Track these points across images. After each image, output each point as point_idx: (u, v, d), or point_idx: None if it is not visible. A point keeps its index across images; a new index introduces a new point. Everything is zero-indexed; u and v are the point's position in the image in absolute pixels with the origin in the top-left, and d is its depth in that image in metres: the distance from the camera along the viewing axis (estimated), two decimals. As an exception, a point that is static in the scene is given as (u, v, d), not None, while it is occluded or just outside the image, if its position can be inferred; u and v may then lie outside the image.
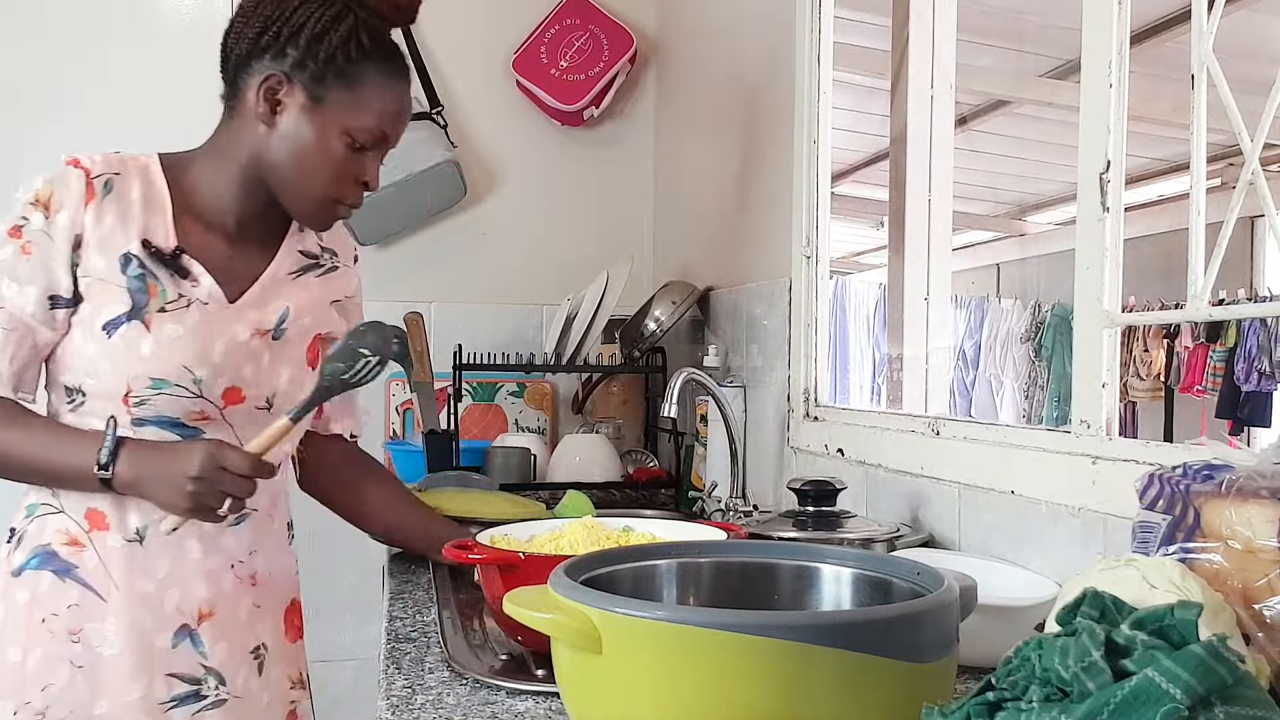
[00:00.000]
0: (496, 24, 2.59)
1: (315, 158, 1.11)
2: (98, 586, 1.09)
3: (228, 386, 1.13)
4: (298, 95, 1.10)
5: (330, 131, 1.10)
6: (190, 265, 1.12)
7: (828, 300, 1.70)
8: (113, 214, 1.10)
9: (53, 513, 1.11)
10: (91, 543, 1.10)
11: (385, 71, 1.13)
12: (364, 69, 1.10)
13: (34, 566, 1.10)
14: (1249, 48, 3.61)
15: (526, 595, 0.65)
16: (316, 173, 1.11)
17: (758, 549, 0.85)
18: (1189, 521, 0.72)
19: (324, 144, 1.10)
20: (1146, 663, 0.46)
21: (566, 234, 2.67)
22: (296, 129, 1.10)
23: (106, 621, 1.09)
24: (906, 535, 1.24)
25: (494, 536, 1.04)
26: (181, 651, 1.12)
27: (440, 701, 0.83)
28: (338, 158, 1.11)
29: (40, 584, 1.09)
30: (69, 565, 1.09)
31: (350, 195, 1.15)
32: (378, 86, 1.12)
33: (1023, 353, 6.32)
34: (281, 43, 1.09)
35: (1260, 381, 4.91)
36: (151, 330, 1.09)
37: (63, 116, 2.38)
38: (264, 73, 1.10)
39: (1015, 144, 5.18)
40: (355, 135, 1.11)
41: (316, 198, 1.13)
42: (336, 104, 1.10)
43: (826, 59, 1.68)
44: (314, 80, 1.09)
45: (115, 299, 1.09)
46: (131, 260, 1.10)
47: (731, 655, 0.56)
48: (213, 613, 1.15)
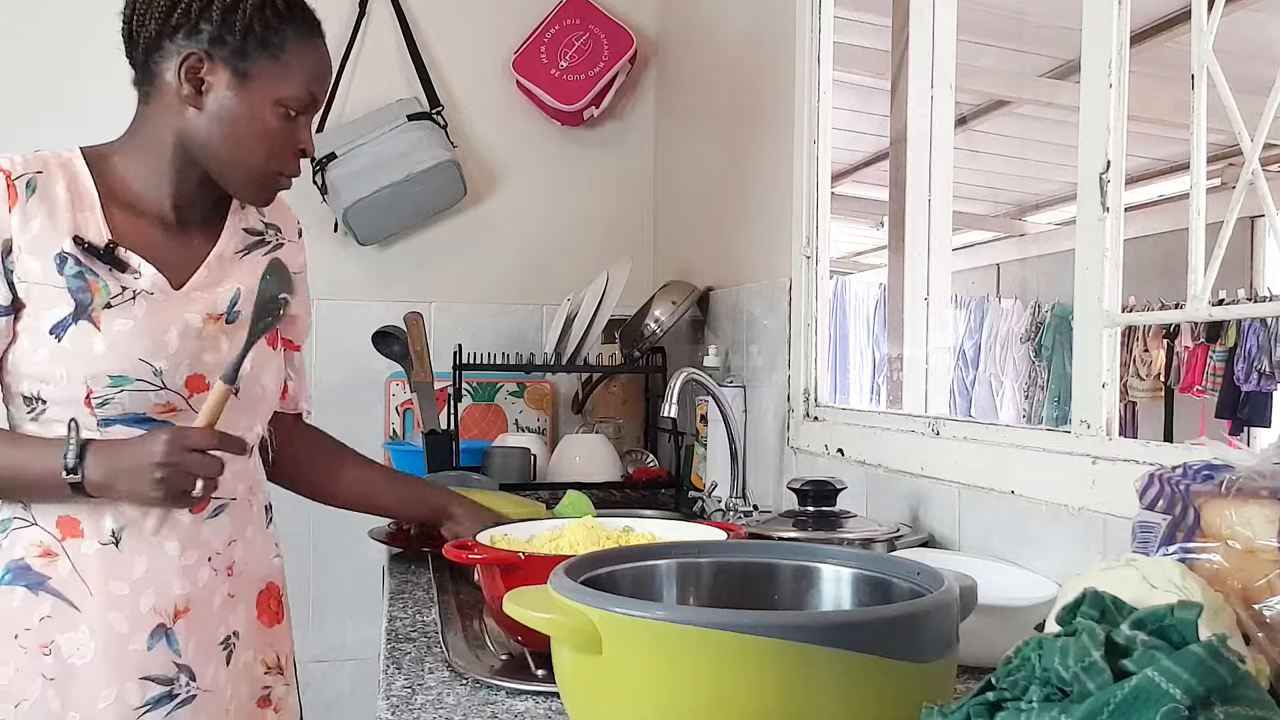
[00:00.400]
0: (496, 24, 2.59)
1: (251, 134, 1.08)
2: (71, 595, 1.07)
3: (189, 375, 1.10)
4: (221, 72, 1.07)
5: (262, 105, 1.08)
6: (127, 257, 1.09)
7: (828, 300, 1.70)
8: (40, 214, 1.06)
9: (24, 526, 1.08)
10: (65, 551, 1.07)
11: (305, 33, 1.10)
12: (284, 35, 1.08)
13: (6, 582, 1.06)
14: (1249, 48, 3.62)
15: (526, 595, 0.65)
16: (254, 149, 1.09)
17: (758, 549, 0.85)
18: (1189, 521, 0.72)
19: (258, 119, 1.08)
20: (1146, 663, 0.46)
21: (566, 234, 2.67)
22: (226, 107, 1.07)
23: (79, 630, 1.06)
24: (906, 535, 1.24)
25: (494, 536, 1.04)
26: (157, 653, 1.09)
27: (440, 701, 0.83)
28: (273, 130, 1.09)
29: (12, 600, 1.06)
30: (42, 577, 1.07)
31: (290, 166, 1.13)
32: (301, 51, 1.09)
33: (1023, 353, 6.33)
34: (194, 18, 1.06)
35: (1260, 381, 4.91)
36: (101, 328, 1.06)
37: (63, 117, 2.38)
38: (181, 53, 1.06)
39: (1015, 144, 5.18)
40: (288, 104, 1.09)
41: (257, 174, 1.11)
42: (263, 76, 1.07)
43: (826, 59, 1.68)
44: (236, 55, 1.06)
45: (57, 301, 1.05)
46: (67, 259, 1.06)
47: (731, 655, 0.56)
48: (188, 609, 1.12)
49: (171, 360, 1.09)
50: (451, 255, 2.59)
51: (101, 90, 2.43)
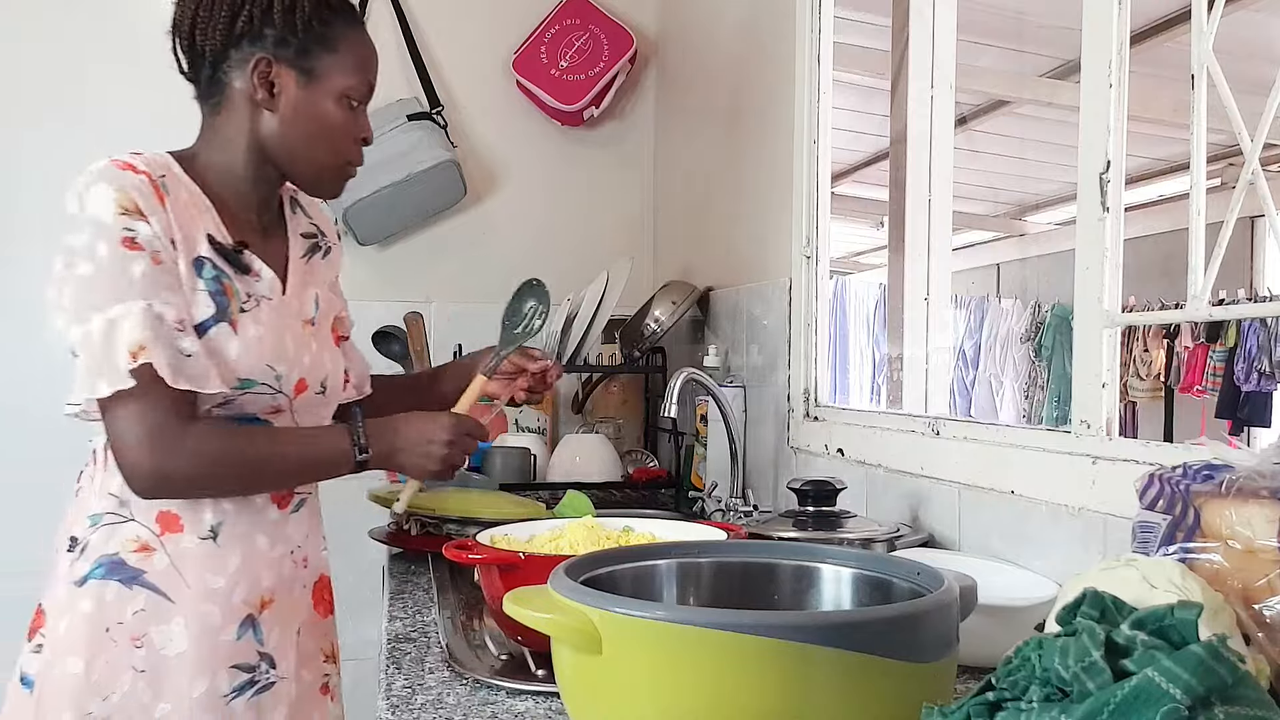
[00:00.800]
0: (496, 24, 2.59)
1: (323, 129, 1.13)
2: (166, 589, 1.08)
3: (298, 379, 1.15)
4: (288, 72, 1.11)
5: (329, 99, 1.13)
6: (251, 260, 1.12)
7: (828, 300, 1.70)
8: (178, 216, 1.07)
9: (120, 521, 1.08)
10: (163, 546, 1.08)
11: (353, 23, 1.15)
12: (338, 28, 1.13)
13: (99, 576, 1.07)
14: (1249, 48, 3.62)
15: (526, 595, 0.65)
16: (327, 143, 1.14)
17: (758, 549, 0.85)
18: (1189, 521, 0.72)
19: (327, 113, 1.13)
20: (1146, 663, 0.46)
21: (566, 234, 2.67)
22: (298, 106, 1.12)
23: (173, 622, 1.08)
24: (906, 535, 1.24)
25: (494, 536, 1.04)
26: (244, 642, 1.13)
27: (440, 701, 0.83)
28: (341, 122, 1.14)
29: (105, 593, 1.07)
30: (136, 571, 1.08)
31: (357, 155, 1.18)
32: (354, 41, 1.14)
33: (1023, 353, 6.33)
34: (257, 24, 1.09)
35: (1260, 381, 4.91)
36: (238, 332, 1.09)
37: (63, 117, 2.38)
38: (250, 59, 1.10)
39: (1015, 144, 5.18)
40: (351, 95, 1.14)
41: (331, 166, 1.16)
42: (327, 71, 1.12)
43: (826, 59, 1.68)
44: (300, 54, 1.11)
45: (201, 302, 1.07)
46: (205, 263, 1.08)
47: (731, 655, 0.56)
48: (273, 599, 1.16)
49: (288, 365, 1.13)
50: (451, 255, 2.59)
51: (101, 91, 2.44)
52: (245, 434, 1.10)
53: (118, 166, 1.05)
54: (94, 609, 1.07)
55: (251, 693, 1.13)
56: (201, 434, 1.04)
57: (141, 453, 1.01)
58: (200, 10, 1.10)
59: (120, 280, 1.01)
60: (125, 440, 1.01)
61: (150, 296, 1.02)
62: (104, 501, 1.09)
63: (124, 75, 2.42)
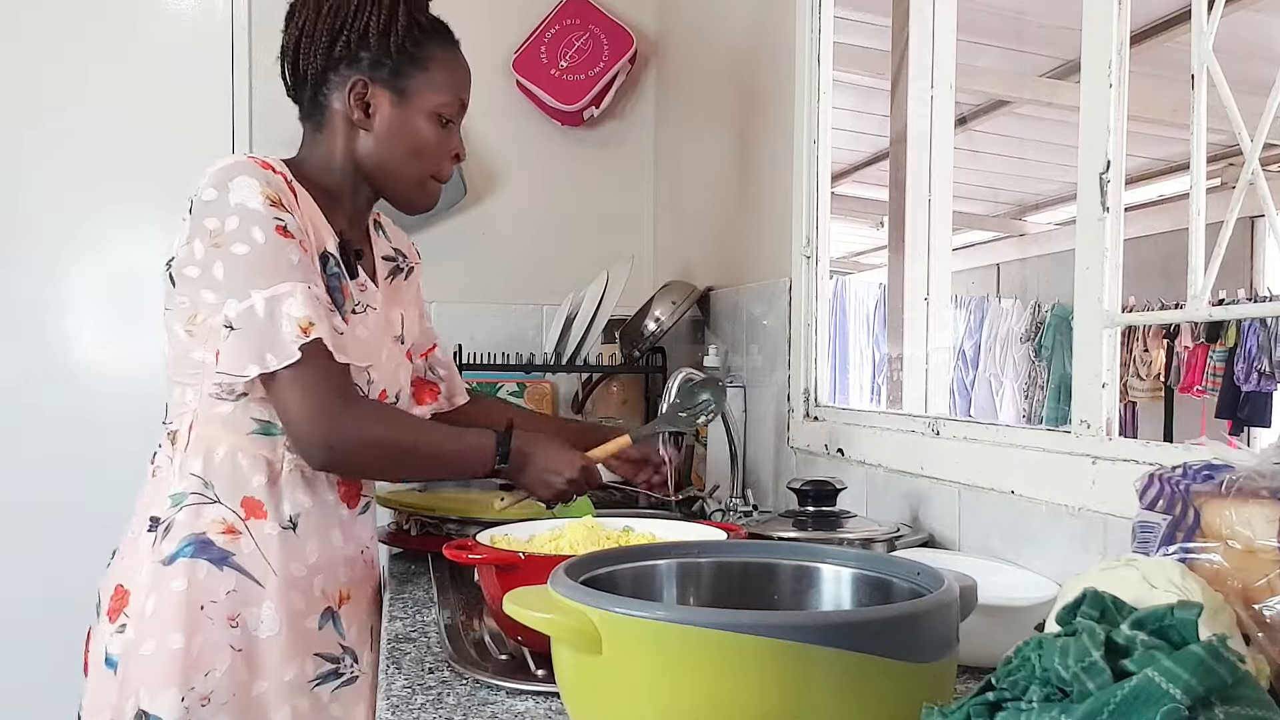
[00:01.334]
0: (496, 24, 2.59)
1: (416, 147, 1.18)
2: (255, 573, 1.12)
3: (383, 389, 1.21)
4: (383, 93, 1.17)
5: (421, 118, 1.18)
6: (361, 266, 1.19)
7: (828, 300, 1.70)
8: (307, 216, 1.13)
9: (207, 502, 1.12)
10: (248, 530, 1.12)
11: (446, 43, 1.21)
12: (430, 48, 1.18)
13: (188, 555, 1.10)
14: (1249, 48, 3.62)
15: (526, 595, 0.65)
16: (419, 160, 1.19)
17: (758, 549, 0.85)
18: (1189, 521, 0.72)
19: (420, 131, 1.18)
20: (1146, 663, 0.46)
21: (566, 234, 2.67)
22: (392, 125, 1.17)
23: (263, 606, 1.12)
24: (906, 535, 1.24)
25: (494, 536, 1.04)
26: (326, 632, 1.17)
27: (440, 701, 0.83)
28: (434, 140, 1.19)
29: (197, 572, 1.10)
30: (226, 553, 1.11)
31: (446, 170, 1.23)
32: (446, 60, 1.20)
33: (1022, 353, 6.33)
34: (354, 48, 1.15)
35: (1260, 381, 4.91)
36: (345, 332, 1.13)
37: (63, 117, 2.38)
38: (348, 81, 1.16)
39: (1015, 144, 5.18)
40: (443, 113, 1.19)
41: (422, 183, 1.21)
42: (419, 91, 1.17)
43: (826, 59, 1.68)
44: (394, 75, 1.16)
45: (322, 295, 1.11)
46: (329, 259, 1.14)
47: (731, 655, 0.56)
48: (350, 595, 1.20)
49: (381, 373, 1.19)
50: (451, 255, 2.59)
51: (101, 91, 2.44)
52: (402, 418, 1.17)
53: (257, 163, 1.10)
54: (186, 587, 1.09)
55: (337, 684, 1.17)
56: (365, 412, 1.11)
57: (314, 427, 1.06)
58: (304, 36, 1.16)
59: (281, 263, 1.06)
60: (296, 414, 1.06)
61: (308, 280, 1.08)
62: (186, 481, 1.12)
63: (124, 75, 2.43)
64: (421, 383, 1.42)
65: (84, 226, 2.39)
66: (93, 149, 2.39)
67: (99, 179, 2.38)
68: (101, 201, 2.41)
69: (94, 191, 2.39)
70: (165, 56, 2.46)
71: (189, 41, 2.47)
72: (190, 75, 2.47)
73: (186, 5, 2.49)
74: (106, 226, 2.42)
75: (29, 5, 2.38)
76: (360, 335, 1.15)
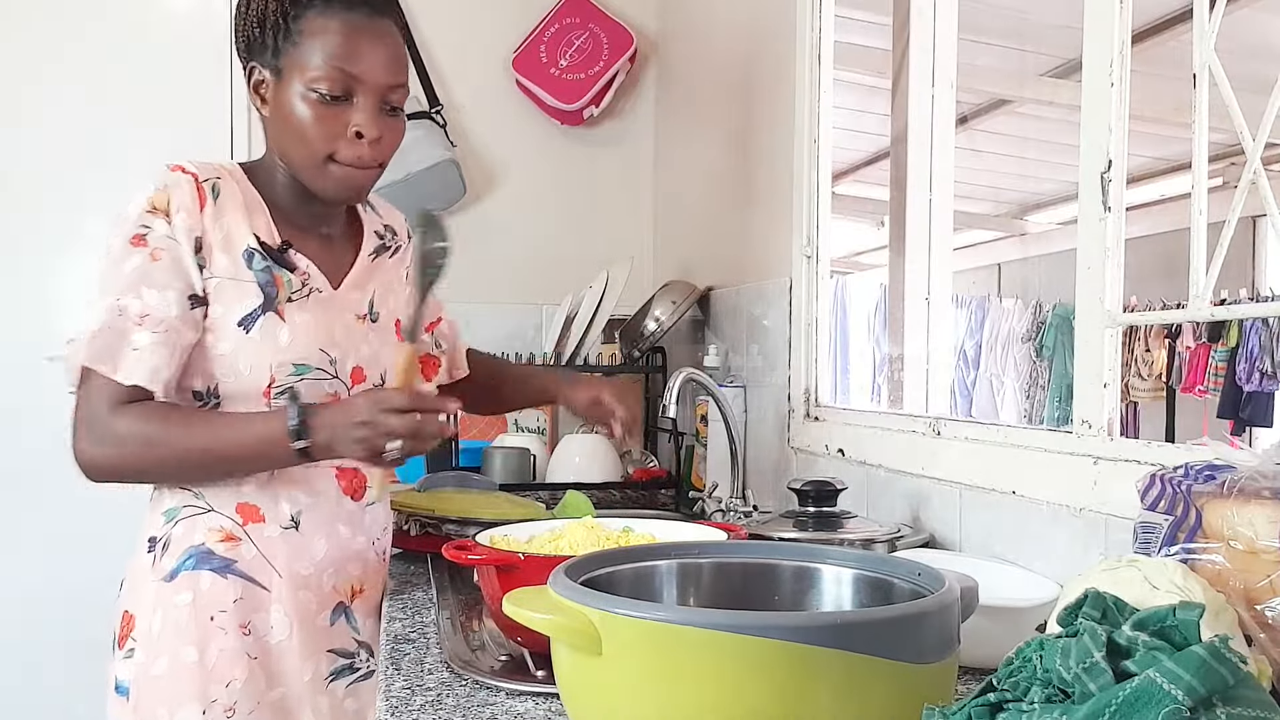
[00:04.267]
0: (496, 24, 2.59)
1: (295, 126, 1.09)
2: (259, 577, 1.11)
3: (354, 366, 1.17)
4: (268, 76, 1.11)
5: (295, 96, 1.08)
6: (296, 259, 1.15)
7: (828, 300, 1.70)
8: (225, 216, 1.11)
9: (200, 513, 1.10)
10: (248, 535, 1.11)
11: (327, 10, 1.08)
12: (304, 18, 1.08)
13: (190, 567, 1.09)
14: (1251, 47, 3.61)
15: (526, 595, 0.65)
16: (300, 139, 1.09)
17: (758, 549, 0.85)
18: (1191, 522, 0.72)
19: (295, 110, 1.08)
20: (1148, 664, 0.46)
21: (566, 234, 2.67)
22: (274, 108, 1.11)
23: (272, 610, 1.11)
24: (907, 536, 1.24)
25: (493, 537, 1.03)
26: (339, 628, 1.16)
27: (440, 702, 0.83)
28: (312, 118, 1.08)
29: (201, 583, 1.09)
30: (227, 561, 1.10)
31: (341, 150, 1.10)
32: (320, 29, 1.08)
33: (1024, 353, 6.32)
34: (245, 37, 1.12)
35: (1262, 381, 4.91)
36: (286, 319, 1.11)
37: (63, 116, 2.38)
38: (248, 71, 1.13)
39: (1016, 143, 5.18)
40: (315, 87, 1.07)
41: (311, 165, 1.11)
42: (290, 67, 1.08)
43: (827, 58, 1.68)
44: (274, 55, 1.09)
45: (247, 294, 1.10)
46: (254, 254, 1.11)
47: (731, 656, 0.56)
48: (362, 589, 1.19)
49: (343, 351, 1.16)
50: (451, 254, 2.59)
51: (101, 91, 2.44)
52: (180, 419, 1.06)
53: (170, 168, 1.10)
54: (193, 599, 1.08)
55: (353, 678, 1.16)
56: (132, 419, 1.03)
57: (75, 440, 1.04)
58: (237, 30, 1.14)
59: (111, 275, 1.06)
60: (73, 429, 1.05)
61: (125, 292, 1.05)
62: (177, 496, 1.11)
63: (124, 75, 2.42)
64: (425, 358, 1.39)
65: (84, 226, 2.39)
66: (93, 149, 2.39)
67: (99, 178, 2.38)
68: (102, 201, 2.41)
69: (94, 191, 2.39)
70: (165, 56, 2.46)
71: (189, 41, 2.47)
72: (190, 75, 2.47)
73: (186, 5, 2.49)
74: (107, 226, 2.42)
75: (29, 5, 2.38)
76: (299, 320, 1.12)
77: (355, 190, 1.15)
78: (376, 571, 1.23)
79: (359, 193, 1.16)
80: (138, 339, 1.04)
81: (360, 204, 1.26)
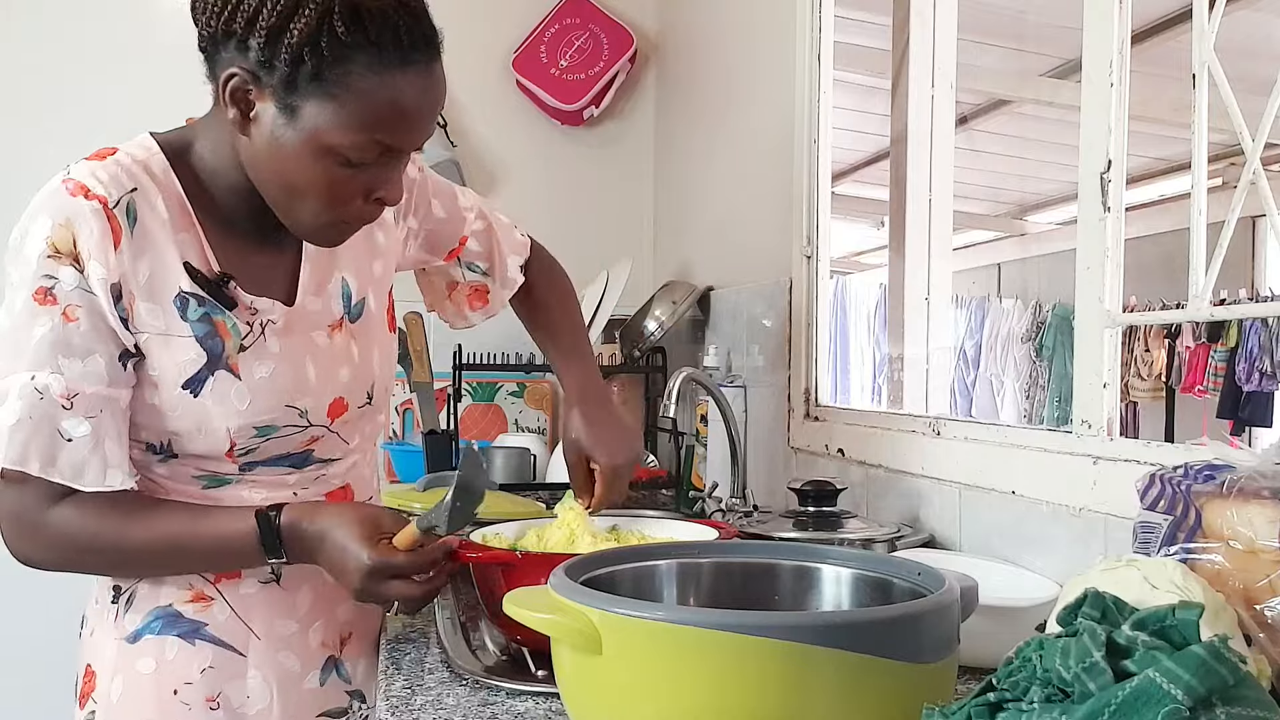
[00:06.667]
0: (496, 24, 2.59)
1: (299, 179, 0.86)
2: (234, 642, 0.98)
3: (331, 401, 1.00)
4: (268, 101, 0.84)
5: (311, 151, 0.85)
6: (236, 295, 0.93)
7: (828, 300, 1.70)
8: (148, 249, 0.89)
9: None
10: (221, 594, 0.98)
11: (382, 65, 0.82)
12: (347, 70, 0.82)
13: (155, 631, 0.96)
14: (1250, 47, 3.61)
15: (527, 595, 0.65)
16: (304, 195, 0.88)
17: (758, 549, 0.85)
18: (1190, 522, 0.72)
19: (307, 164, 0.85)
20: (1148, 663, 0.46)
21: (566, 234, 2.66)
22: (272, 144, 0.86)
23: (248, 677, 0.98)
24: (907, 535, 1.24)
25: (485, 535, 1.04)
26: (329, 687, 1.04)
27: (440, 702, 0.83)
28: (329, 179, 0.86)
29: (165, 651, 0.96)
30: (197, 624, 0.97)
31: (357, 214, 0.91)
32: (371, 90, 0.82)
33: (1023, 353, 6.32)
34: (241, 32, 0.83)
35: (1261, 381, 4.91)
36: (241, 375, 0.92)
37: (63, 116, 2.38)
38: (228, 69, 0.84)
39: (1016, 143, 5.18)
40: (346, 154, 0.85)
41: (309, 222, 0.90)
42: (316, 118, 0.83)
43: (826, 59, 1.68)
44: (285, 85, 0.83)
45: (184, 352, 0.90)
46: (187, 301, 0.90)
47: (731, 655, 0.56)
48: (352, 633, 1.07)
49: (315, 395, 0.98)
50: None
51: (101, 91, 2.44)
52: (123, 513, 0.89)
53: (68, 190, 0.86)
54: (155, 669, 0.96)
55: None
56: (65, 520, 0.87)
57: (6, 537, 0.89)
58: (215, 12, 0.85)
59: (20, 343, 0.85)
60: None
61: (41, 366, 0.85)
62: None
63: (124, 75, 2.42)
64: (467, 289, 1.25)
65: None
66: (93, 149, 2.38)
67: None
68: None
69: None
70: (165, 56, 2.46)
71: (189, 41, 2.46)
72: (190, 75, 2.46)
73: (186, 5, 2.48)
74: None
75: (30, 5, 2.38)
76: (260, 374, 0.94)
77: (345, 239, 0.96)
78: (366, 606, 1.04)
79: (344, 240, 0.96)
80: (69, 427, 0.85)
81: None
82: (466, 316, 1.32)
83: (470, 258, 1.24)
